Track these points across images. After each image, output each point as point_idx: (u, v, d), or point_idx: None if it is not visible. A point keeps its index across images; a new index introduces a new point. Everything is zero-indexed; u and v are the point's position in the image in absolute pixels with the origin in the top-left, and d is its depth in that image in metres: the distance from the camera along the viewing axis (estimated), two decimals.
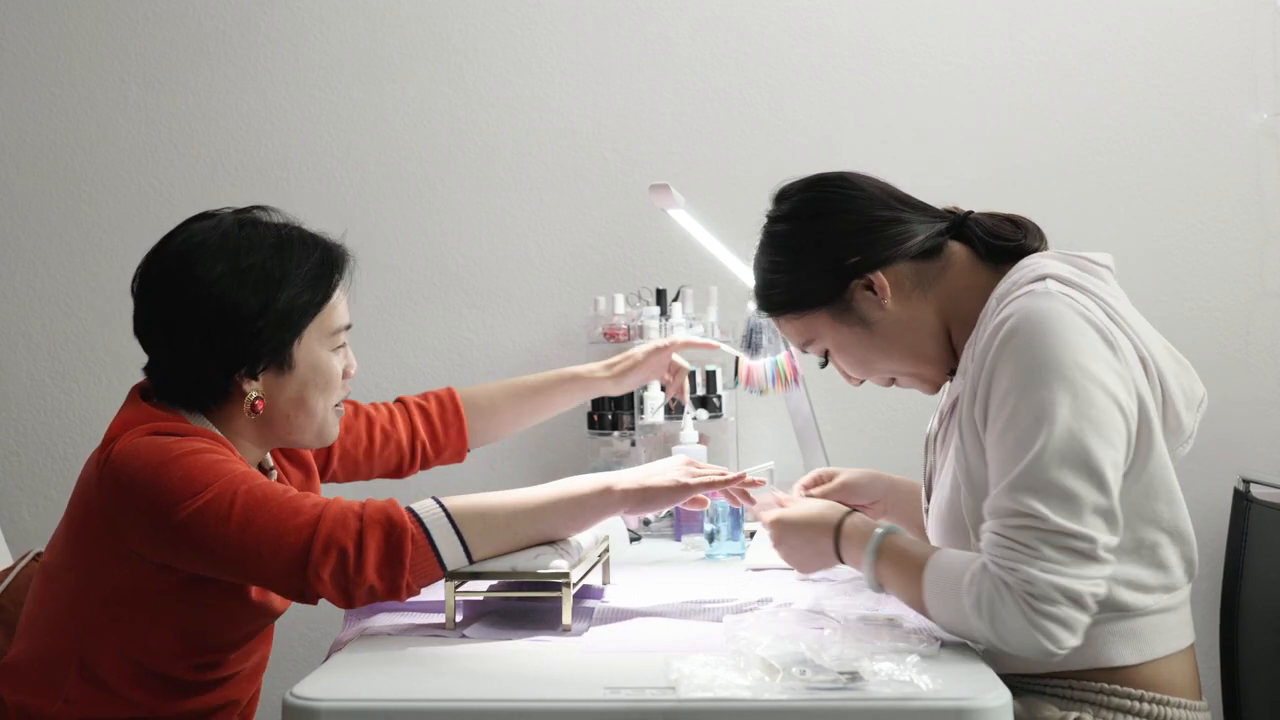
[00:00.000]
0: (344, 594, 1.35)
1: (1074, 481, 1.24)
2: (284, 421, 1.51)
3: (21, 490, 2.69)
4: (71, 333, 2.69)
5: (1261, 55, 2.59)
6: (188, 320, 1.45)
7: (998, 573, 1.24)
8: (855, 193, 1.50)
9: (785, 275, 1.51)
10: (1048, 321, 1.30)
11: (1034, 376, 1.28)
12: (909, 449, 2.62)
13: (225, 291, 1.44)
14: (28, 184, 2.70)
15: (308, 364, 1.50)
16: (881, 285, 1.46)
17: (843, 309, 1.49)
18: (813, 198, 1.53)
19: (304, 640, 2.62)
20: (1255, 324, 2.58)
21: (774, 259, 1.53)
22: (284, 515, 1.36)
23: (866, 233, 1.48)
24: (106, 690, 1.45)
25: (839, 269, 1.47)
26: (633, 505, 1.50)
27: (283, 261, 1.47)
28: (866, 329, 1.49)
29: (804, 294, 1.50)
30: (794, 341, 1.57)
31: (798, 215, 1.52)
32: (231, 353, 1.45)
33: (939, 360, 1.51)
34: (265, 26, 2.69)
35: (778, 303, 1.54)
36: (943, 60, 2.62)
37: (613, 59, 2.67)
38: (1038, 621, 1.22)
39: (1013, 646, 1.25)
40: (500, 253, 2.68)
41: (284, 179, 2.68)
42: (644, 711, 1.11)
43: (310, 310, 1.49)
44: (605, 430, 2.45)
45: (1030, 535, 1.24)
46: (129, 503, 1.38)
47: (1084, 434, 1.25)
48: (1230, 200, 2.59)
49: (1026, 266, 1.42)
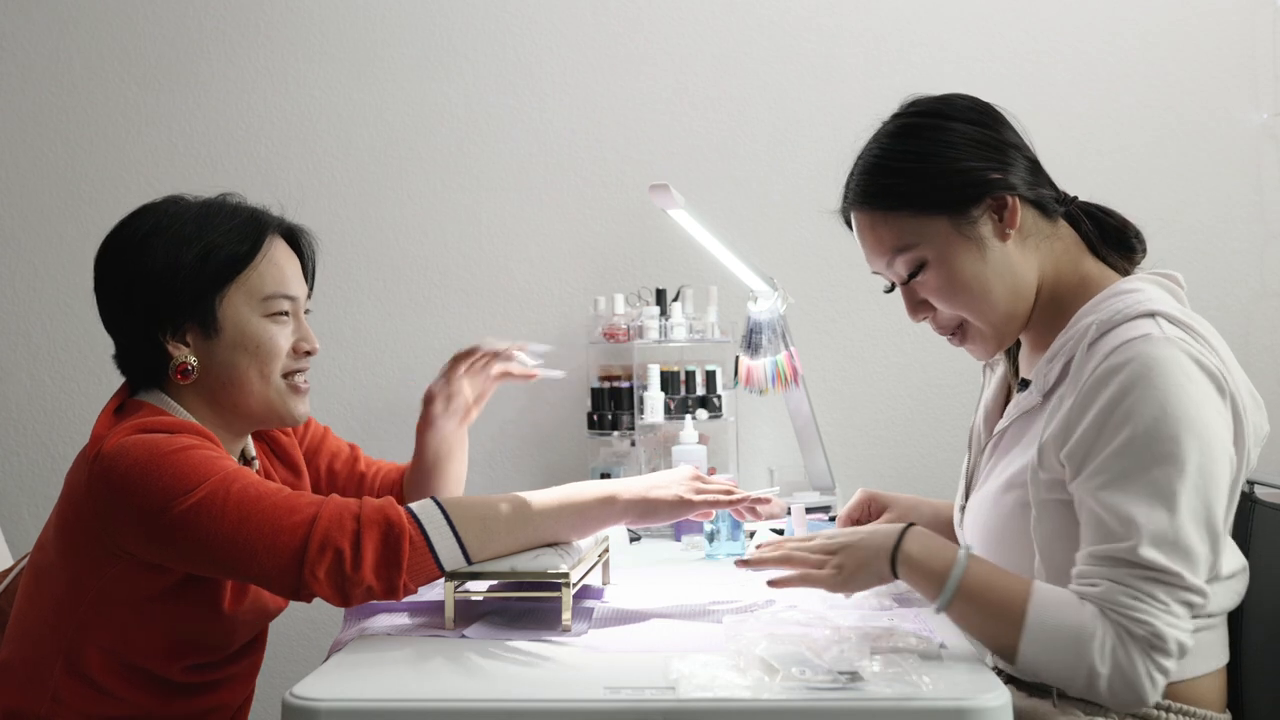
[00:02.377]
0: (340, 593, 1.35)
1: (1199, 540, 1.26)
2: (222, 392, 1.50)
3: (21, 490, 2.69)
4: (71, 333, 2.69)
5: (1261, 55, 2.59)
6: (112, 283, 1.50)
7: (1123, 622, 1.24)
8: (1007, 119, 1.45)
9: (916, 165, 1.40)
10: (1170, 374, 1.27)
11: (1162, 430, 1.26)
12: (908, 449, 2.63)
13: (141, 252, 1.48)
14: (28, 184, 2.70)
15: (234, 327, 1.48)
16: (1014, 211, 1.39)
17: (966, 222, 1.39)
18: (969, 104, 1.45)
19: (304, 640, 2.62)
20: (1255, 324, 2.58)
21: (906, 148, 1.42)
22: (280, 513, 1.35)
23: (1013, 155, 1.42)
24: (96, 688, 1.44)
25: (978, 179, 1.39)
26: (634, 517, 1.51)
27: (202, 223, 1.49)
28: (980, 253, 1.40)
29: (931, 191, 1.39)
30: (887, 244, 1.43)
31: (944, 114, 1.43)
32: (149, 311, 1.47)
33: (1017, 322, 1.44)
34: (265, 26, 2.69)
35: (897, 194, 1.41)
36: (943, 60, 2.62)
37: (613, 59, 2.67)
38: (1153, 674, 1.24)
39: (1117, 695, 1.24)
40: (500, 253, 2.68)
41: (284, 179, 2.68)
42: (644, 711, 1.11)
43: (226, 268, 1.48)
44: (605, 430, 2.45)
45: (1162, 590, 1.24)
46: (120, 501, 1.37)
47: (1209, 493, 1.27)
48: (1230, 200, 2.59)
49: (1127, 294, 1.38)
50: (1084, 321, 1.38)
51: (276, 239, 1.54)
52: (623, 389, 2.44)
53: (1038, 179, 1.45)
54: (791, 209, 2.65)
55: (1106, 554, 1.26)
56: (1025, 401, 1.44)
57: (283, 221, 1.57)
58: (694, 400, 2.41)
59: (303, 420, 1.56)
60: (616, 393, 2.45)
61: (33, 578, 1.49)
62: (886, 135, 1.45)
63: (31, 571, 1.50)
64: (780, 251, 2.62)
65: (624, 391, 2.44)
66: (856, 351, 2.64)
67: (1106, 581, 1.25)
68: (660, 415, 2.36)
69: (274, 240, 1.53)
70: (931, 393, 2.63)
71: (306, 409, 1.56)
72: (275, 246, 1.53)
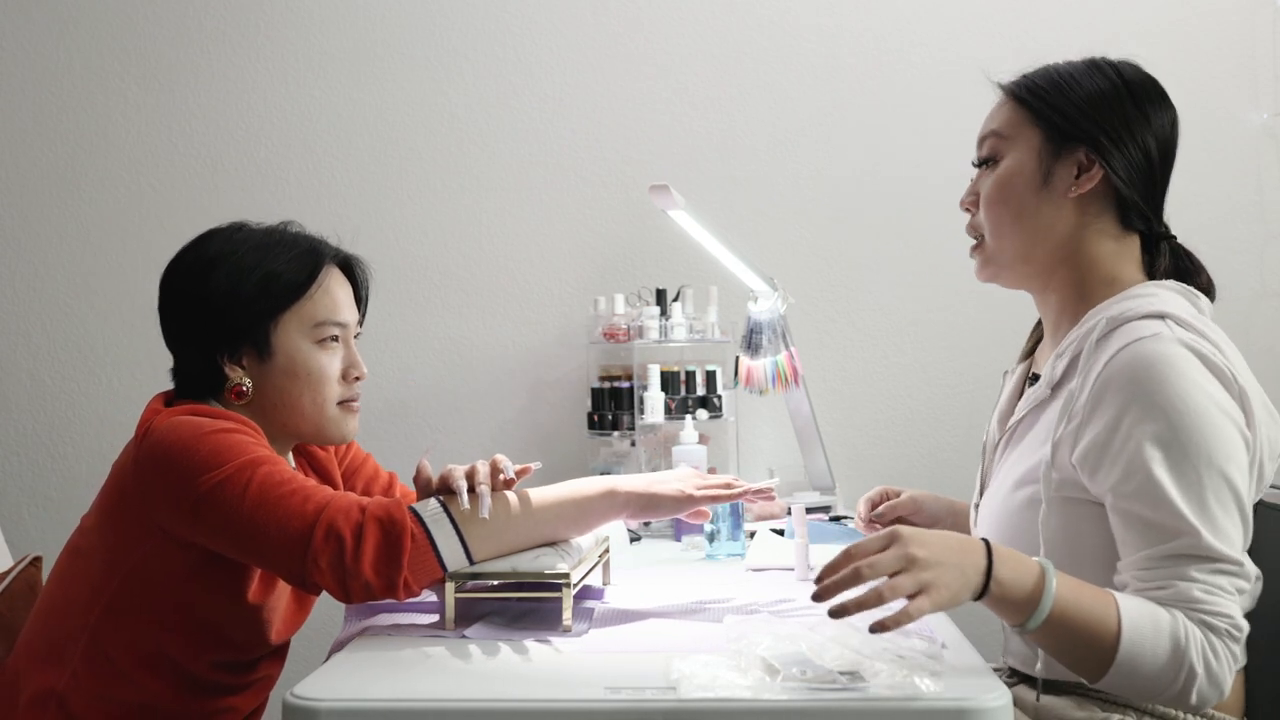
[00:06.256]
0: (341, 585, 1.36)
1: (1233, 526, 1.28)
2: (274, 413, 1.55)
3: (21, 490, 2.69)
4: (71, 333, 2.69)
5: (1261, 55, 2.59)
6: (175, 305, 1.56)
7: (1205, 619, 1.25)
8: (1175, 142, 1.52)
9: (1061, 84, 1.46)
10: (1178, 368, 1.29)
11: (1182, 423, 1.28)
12: (909, 449, 2.63)
13: (205, 278, 1.53)
14: (28, 184, 2.70)
15: (285, 353, 1.54)
16: (1091, 177, 1.44)
17: (1050, 153, 1.45)
18: (1154, 95, 1.51)
19: (304, 640, 2.62)
20: (1255, 324, 2.58)
21: (1072, 71, 1.48)
22: (295, 500, 1.38)
23: (1138, 154, 1.46)
24: (115, 671, 1.46)
25: (1087, 131, 1.44)
26: (636, 510, 1.51)
27: (263, 252, 1.55)
28: (1039, 185, 1.45)
29: (1049, 108, 1.45)
30: (991, 124, 1.51)
31: (1127, 80, 1.48)
32: (209, 334, 1.53)
33: (1025, 268, 1.48)
34: (265, 26, 2.69)
35: (1030, 91, 1.48)
36: (943, 60, 2.62)
37: (612, 59, 2.67)
38: (1233, 664, 1.26)
39: (1202, 693, 1.25)
40: (500, 253, 2.68)
41: (284, 179, 2.68)
42: (644, 711, 1.11)
43: (283, 295, 1.54)
44: (605, 430, 2.45)
45: (1225, 579, 1.26)
46: (160, 473, 1.42)
47: (1235, 480, 1.29)
48: (1230, 200, 2.59)
49: (1141, 296, 1.40)
50: (1094, 318, 1.40)
51: (332, 268, 1.60)
52: (623, 389, 2.44)
53: (1143, 189, 1.47)
54: (791, 209, 2.65)
55: (1168, 553, 1.26)
56: (1035, 395, 1.45)
57: (339, 252, 1.63)
58: (694, 400, 2.41)
59: (352, 437, 1.62)
60: (616, 393, 2.45)
61: (68, 558, 1.53)
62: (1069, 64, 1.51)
63: (68, 552, 1.54)
64: (780, 251, 2.62)
65: (624, 391, 2.44)
66: (856, 351, 2.64)
67: (1178, 581, 1.26)
68: (660, 415, 2.36)
69: (330, 270, 1.59)
70: (931, 392, 2.63)
71: (356, 427, 1.62)
72: (330, 276, 1.59)
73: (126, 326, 2.67)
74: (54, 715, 1.45)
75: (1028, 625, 1.24)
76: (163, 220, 2.65)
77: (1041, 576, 1.23)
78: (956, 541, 1.23)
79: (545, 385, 2.67)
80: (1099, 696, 1.37)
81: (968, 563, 1.21)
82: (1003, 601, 1.23)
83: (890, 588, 1.17)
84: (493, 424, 2.63)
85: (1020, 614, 1.24)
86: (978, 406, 2.60)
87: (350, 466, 1.77)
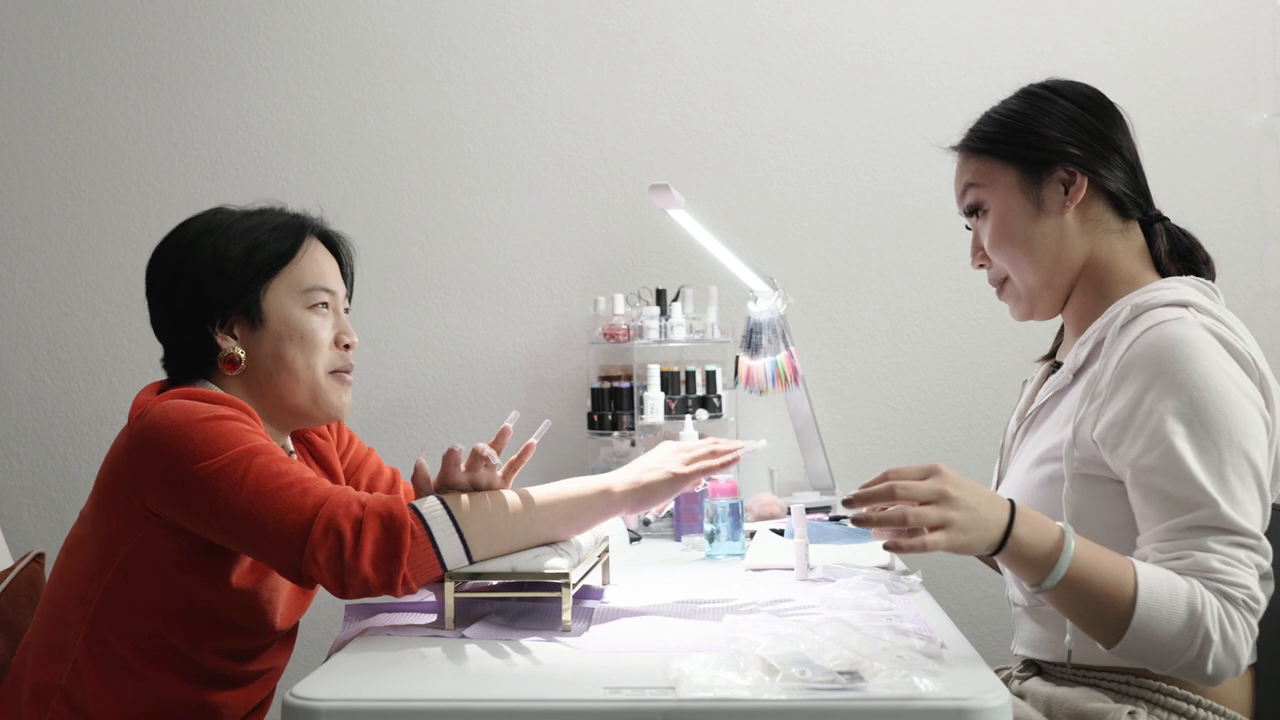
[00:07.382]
0: (338, 581, 1.35)
1: (1252, 502, 1.31)
2: (269, 381, 1.55)
3: (21, 490, 2.69)
4: (71, 333, 2.69)
5: (1261, 55, 2.59)
6: (162, 281, 1.56)
7: (1222, 588, 1.26)
8: (1124, 123, 1.53)
9: (1009, 121, 1.52)
10: (1200, 349, 1.33)
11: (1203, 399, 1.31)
12: (908, 449, 2.63)
13: (190, 250, 1.55)
14: (28, 184, 2.71)
15: (279, 318, 1.55)
16: (1079, 188, 1.48)
17: (1031, 182, 1.50)
18: (1088, 93, 1.54)
19: (304, 640, 2.62)
20: (1255, 324, 2.57)
21: (1011, 106, 1.54)
22: (294, 493, 1.38)
23: (1107, 148, 1.50)
24: (117, 661, 1.45)
25: (1056, 148, 1.49)
26: (632, 504, 1.52)
27: (247, 224, 1.57)
28: (1034, 214, 1.50)
29: (1010, 144, 1.51)
30: (963, 179, 1.56)
31: (1058, 91, 1.53)
32: (198, 304, 1.53)
33: (1054, 293, 1.52)
34: (264, 26, 2.69)
35: (985, 138, 1.54)
36: (943, 61, 2.62)
37: (613, 59, 2.67)
38: (1249, 636, 1.27)
39: (1219, 663, 1.26)
40: (500, 253, 2.68)
41: (284, 179, 2.68)
42: (644, 711, 1.11)
43: (268, 263, 1.55)
44: (605, 430, 2.45)
45: (1243, 552, 1.28)
46: (153, 458, 1.41)
47: (1255, 458, 1.32)
48: (1230, 200, 2.59)
49: (1163, 289, 1.43)
50: (1119, 307, 1.43)
51: (315, 240, 1.62)
52: (623, 389, 2.44)
53: (1126, 179, 1.51)
54: (791, 209, 2.65)
55: (1187, 525, 1.29)
56: (1057, 381, 1.49)
57: (321, 225, 1.65)
58: (694, 400, 2.41)
59: (344, 412, 1.62)
60: (616, 393, 2.45)
61: (66, 551, 1.53)
62: (1008, 97, 1.57)
63: (66, 546, 1.54)
64: (780, 251, 2.63)
65: (624, 391, 2.44)
66: (856, 351, 2.64)
67: (1195, 552, 1.28)
68: (660, 415, 2.36)
69: (313, 240, 1.61)
70: (931, 392, 2.63)
71: (348, 400, 1.63)
72: (314, 246, 1.61)
73: (126, 326, 2.67)
74: (57, 709, 1.45)
75: (1045, 584, 1.27)
76: (163, 220, 2.62)
77: (1061, 538, 1.27)
78: (987, 494, 1.27)
79: (545, 385, 2.67)
80: (1111, 688, 1.38)
81: (992, 517, 1.25)
82: (1019, 559, 1.27)
83: (916, 515, 1.23)
84: (493, 424, 2.63)
85: (1037, 573, 1.27)
86: (978, 406, 2.61)
87: (353, 461, 1.76)
